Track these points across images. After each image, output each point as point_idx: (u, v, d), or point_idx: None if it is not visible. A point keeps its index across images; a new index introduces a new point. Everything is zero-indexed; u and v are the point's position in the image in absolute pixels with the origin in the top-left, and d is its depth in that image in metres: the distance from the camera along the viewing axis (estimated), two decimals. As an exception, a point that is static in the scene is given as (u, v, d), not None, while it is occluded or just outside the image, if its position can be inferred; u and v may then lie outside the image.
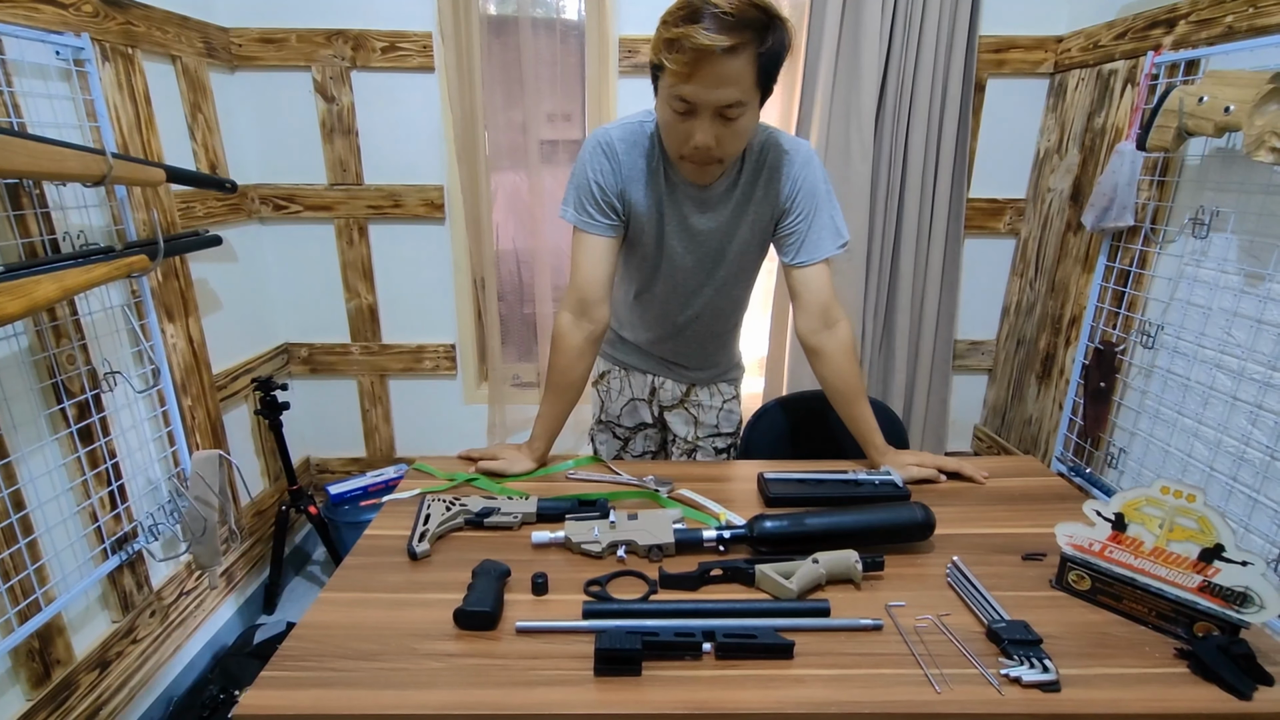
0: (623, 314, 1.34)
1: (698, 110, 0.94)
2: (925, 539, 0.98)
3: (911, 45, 1.85)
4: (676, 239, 1.16)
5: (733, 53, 0.88)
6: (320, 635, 0.79)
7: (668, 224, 1.14)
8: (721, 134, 0.96)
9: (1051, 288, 1.98)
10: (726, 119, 0.95)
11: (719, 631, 0.77)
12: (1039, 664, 0.73)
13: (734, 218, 1.15)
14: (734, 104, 0.93)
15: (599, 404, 1.45)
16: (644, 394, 1.39)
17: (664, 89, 0.96)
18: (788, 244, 1.15)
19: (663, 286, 1.22)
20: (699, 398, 1.37)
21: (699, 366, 1.36)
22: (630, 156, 1.10)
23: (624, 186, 1.11)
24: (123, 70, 1.45)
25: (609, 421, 1.44)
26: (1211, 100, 1.26)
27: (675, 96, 0.93)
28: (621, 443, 1.45)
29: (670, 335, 1.30)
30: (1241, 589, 0.75)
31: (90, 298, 1.35)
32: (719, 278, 1.21)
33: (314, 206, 2.03)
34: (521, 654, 0.77)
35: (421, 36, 1.90)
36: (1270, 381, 1.29)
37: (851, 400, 1.17)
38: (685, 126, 0.96)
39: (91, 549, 1.36)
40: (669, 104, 0.96)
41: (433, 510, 1.04)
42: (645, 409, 1.40)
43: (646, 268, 1.22)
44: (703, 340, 1.31)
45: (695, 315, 1.26)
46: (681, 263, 1.19)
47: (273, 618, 1.97)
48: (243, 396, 1.93)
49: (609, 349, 1.41)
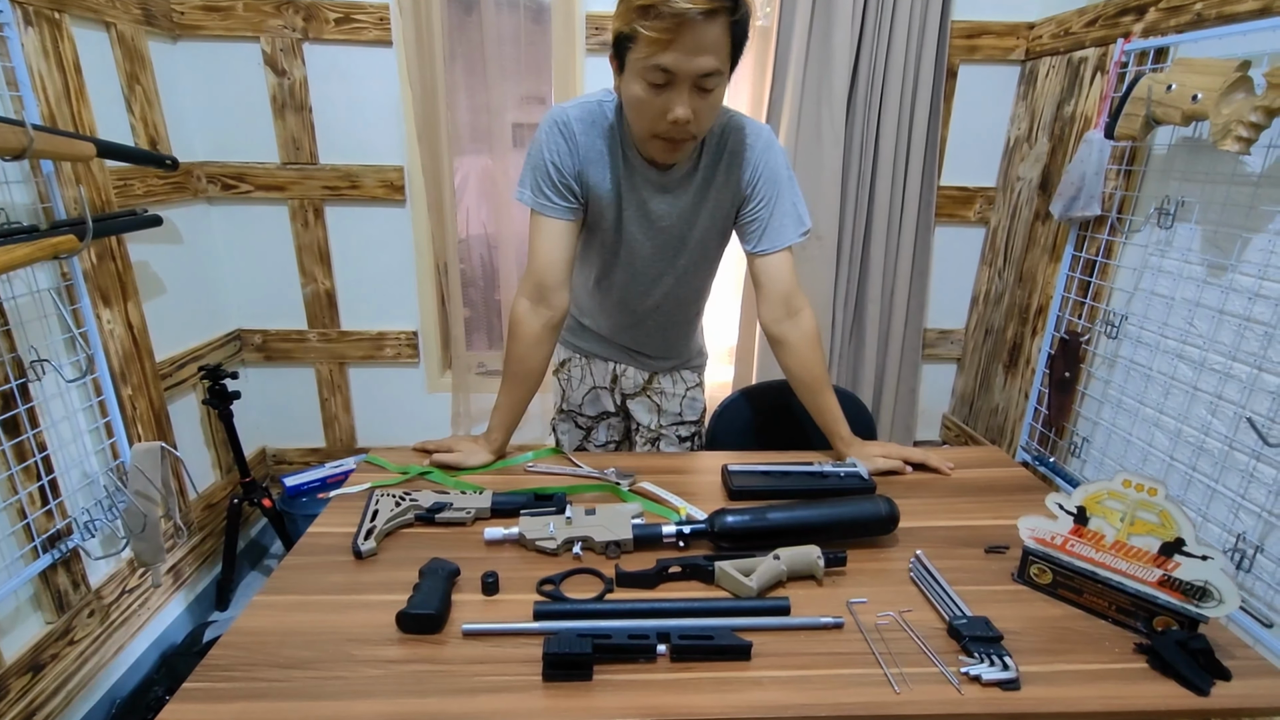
0: (583, 301, 1.30)
1: (676, 81, 0.89)
2: (889, 533, 0.96)
3: (884, 30, 1.82)
4: (635, 225, 1.12)
5: (711, 17, 0.84)
6: (251, 642, 0.74)
7: (626, 209, 1.10)
8: (699, 107, 0.92)
9: (1019, 277, 1.98)
10: (704, 90, 0.91)
11: (674, 632, 0.74)
12: (999, 661, 0.72)
13: (695, 203, 1.11)
14: (712, 73, 0.89)
15: (560, 393, 1.41)
16: (605, 382, 1.35)
17: (636, 62, 0.90)
18: (749, 231, 1.12)
19: (622, 274, 1.19)
20: (661, 385, 1.34)
21: (661, 355, 1.33)
22: (589, 137, 1.06)
23: (582, 167, 1.07)
24: (49, 36, 1.35)
25: (570, 411, 1.40)
26: (1179, 88, 1.25)
27: (653, 68, 0.88)
28: (584, 432, 1.41)
29: (631, 324, 1.27)
30: (1201, 583, 0.74)
31: (14, 280, 1.26)
32: (680, 265, 1.18)
33: (266, 186, 1.94)
34: (467, 659, 0.73)
35: (379, 8, 1.81)
36: (1230, 372, 1.30)
37: (816, 390, 1.15)
38: (661, 100, 0.91)
39: (20, 547, 1.28)
40: (643, 77, 0.90)
41: (381, 506, 0.99)
42: (607, 397, 1.37)
43: (605, 254, 1.18)
44: (664, 328, 1.28)
45: (656, 304, 1.23)
46: (641, 249, 1.15)
47: (225, 614, 1.90)
48: (190, 385, 1.84)
49: (569, 336, 1.37)
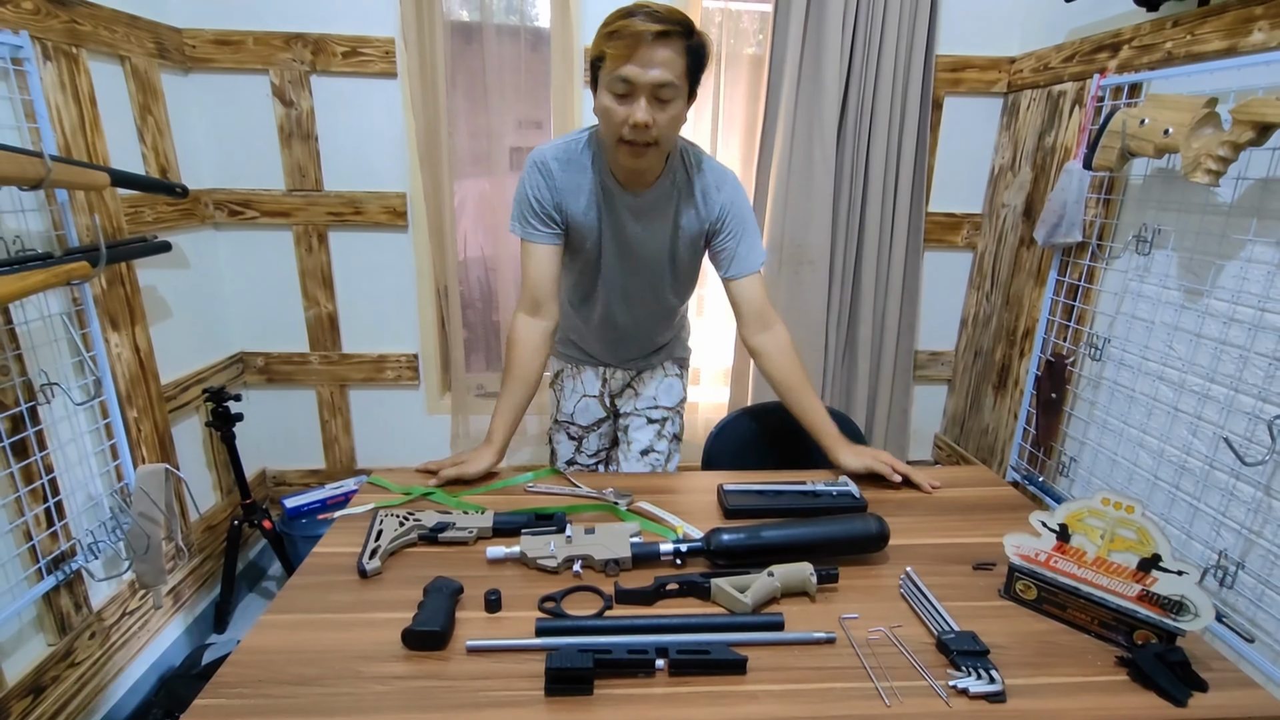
0: (570, 322, 1.43)
1: (635, 91, 1.03)
2: (880, 550, 0.99)
3: (871, 64, 1.89)
4: (613, 247, 1.25)
5: (664, 39, 1.01)
6: (259, 660, 0.77)
7: (605, 232, 1.23)
8: (657, 116, 1.05)
9: (1006, 300, 2.04)
10: (661, 100, 1.05)
11: (672, 648, 0.77)
12: (986, 675, 0.75)
13: (668, 227, 1.24)
14: (667, 84, 1.03)
15: (555, 404, 1.54)
16: (595, 389, 1.48)
17: (605, 78, 1.06)
18: (722, 259, 1.27)
19: (604, 295, 1.32)
20: (643, 376, 1.50)
21: (644, 359, 1.48)
22: (566, 172, 1.20)
23: (560, 199, 1.21)
24: (66, 70, 1.39)
25: (564, 421, 1.52)
26: (1152, 123, 1.31)
27: (616, 79, 1.03)
28: (576, 442, 1.52)
29: (615, 339, 1.41)
30: (1178, 598, 0.77)
31: (27, 305, 1.29)
32: (656, 286, 1.31)
33: (271, 212, 1.98)
34: (471, 674, 0.76)
35: (384, 42, 1.87)
36: (1208, 394, 1.34)
37: (799, 391, 1.26)
38: (624, 109, 1.05)
39: (25, 569, 1.30)
40: (609, 89, 1.05)
41: (385, 526, 1.02)
42: (597, 405, 1.49)
43: (587, 279, 1.31)
44: (643, 344, 1.44)
45: (636, 322, 1.37)
46: (619, 270, 1.28)
47: (223, 637, 1.90)
48: (194, 407, 1.87)
49: (561, 348, 1.50)
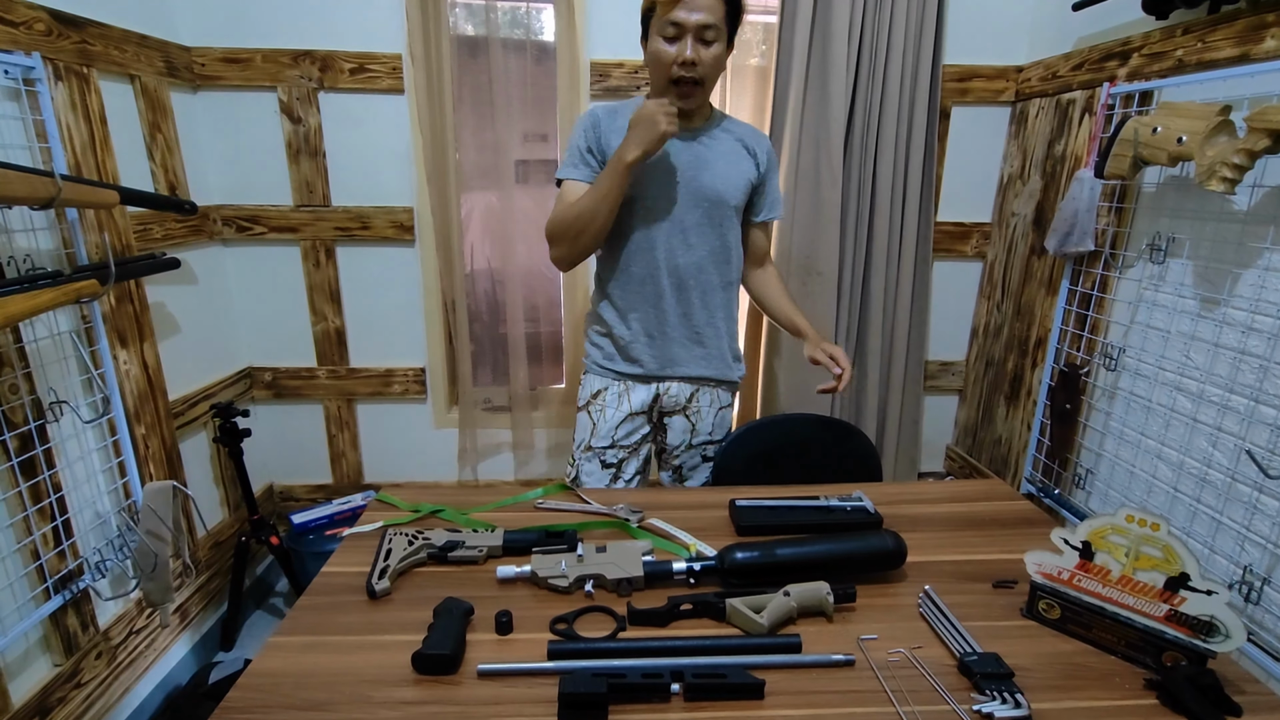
0: (622, 295, 1.38)
1: (683, 33, 1.20)
2: (896, 567, 0.97)
3: (878, 74, 1.89)
4: (667, 180, 1.32)
5: None
6: (267, 684, 0.75)
7: (659, 167, 1.30)
8: (702, 53, 1.21)
9: (1018, 310, 2.02)
10: (705, 41, 1.21)
11: (688, 671, 0.75)
12: (1011, 699, 0.73)
13: (721, 158, 1.33)
14: (710, 25, 1.19)
15: (588, 429, 1.44)
16: (643, 406, 1.43)
17: (655, 24, 1.22)
18: (761, 204, 1.42)
19: (664, 234, 1.33)
20: (699, 404, 1.45)
21: (704, 353, 1.41)
22: (612, 118, 1.32)
23: (606, 143, 1.30)
24: (77, 90, 1.40)
25: (600, 448, 1.43)
26: (1165, 131, 1.30)
27: (666, 23, 1.20)
28: (613, 469, 1.43)
29: (674, 290, 1.36)
30: (1207, 618, 0.75)
31: (36, 324, 1.29)
32: (715, 216, 1.34)
33: (279, 228, 1.99)
34: (483, 699, 0.74)
35: (391, 58, 1.88)
36: (1228, 404, 1.31)
37: (780, 294, 1.48)
38: (674, 50, 1.21)
39: (32, 589, 1.29)
40: (660, 33, 1.21)
41: (394, 544, 1.00)
42: (644, 421, 1.44)
43: (645, 224, 1.33)
44: (705, 293, 1.38)
45: (698, 263, 1.35)
46: (678, 204, 1.32)
47: (230, 655, 1.88)
48: (201, 424, 1.86)
49: (608, 364, 1.43)
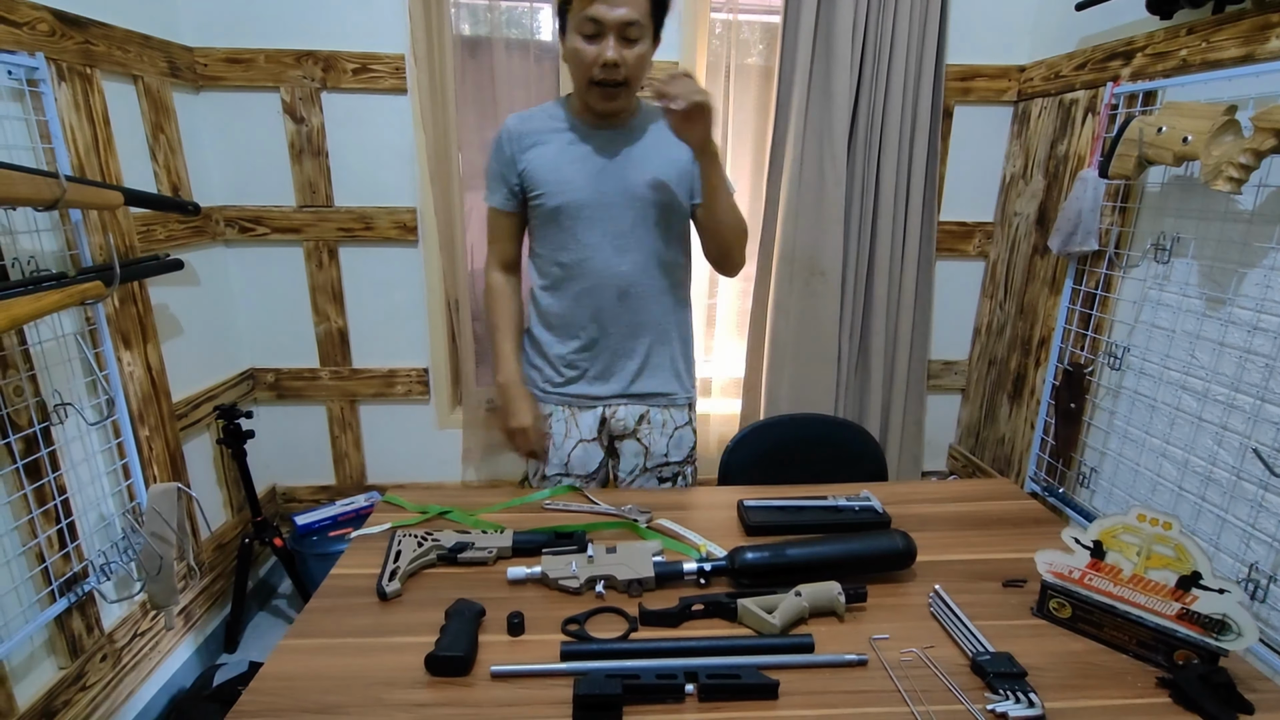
0: (560, 306, 1.28)
1: (604, 31, 1.08)
2: (906, 567, 0.97)
3: (881, 74, 1.89)
4: (595, 184, 1.21)
5: None
6: (280, 687, 0.75)
7: (586, 171, 1.21)
8: (625, 54, 1.10)
9: (1020, 309, 2.02)
10: (628, 40, 1.10)
11: (701, 672, 0.75)
12: (1024, 698, 0.73)
13: (650, 153, 1.23)
14: (633, 22, 1.08)
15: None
16: (593, 432, 1.33)
17: (573, 20, 1.10)
18: (698, 189, 1.25)
19: (598, 242, 1.22)
20: (651, 426, 1.34)
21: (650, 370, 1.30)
22: (525, 125, 1.24)
23: (519, 155, 1.23)
24: (80, 90, 1.40)
25: (553, 477, 1.34)
26: (1170, 131, 1.30)
27: (584, 19, 1.07)
28: None
29: (614, 302, 1.25)
30: (1219, 616, 0.75)
31: (40, 326, 1.29)
32: (650, 218, 1.23)
33: (282, 229, 1.98)
34: (497, 701, 0.74)
35: (394, 58, 1.88)
36: (1234, 403, 1.32)
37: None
38: (594, 49, 1.10)
39: (38, 591, 1.28)
40: (578, 30, 1.09)
41: (404, 546, 1.00)
42: (596, 448, 1.34)
43: (576, 233, 1.22)
44: (648, 303, 1.27)
45: (637, 269, 1.24)
46: (611, 209, 1.21)
47: (234, 657, 1.88)
48: (205, 425, 1.86)
49: (551, 388, 1.33)
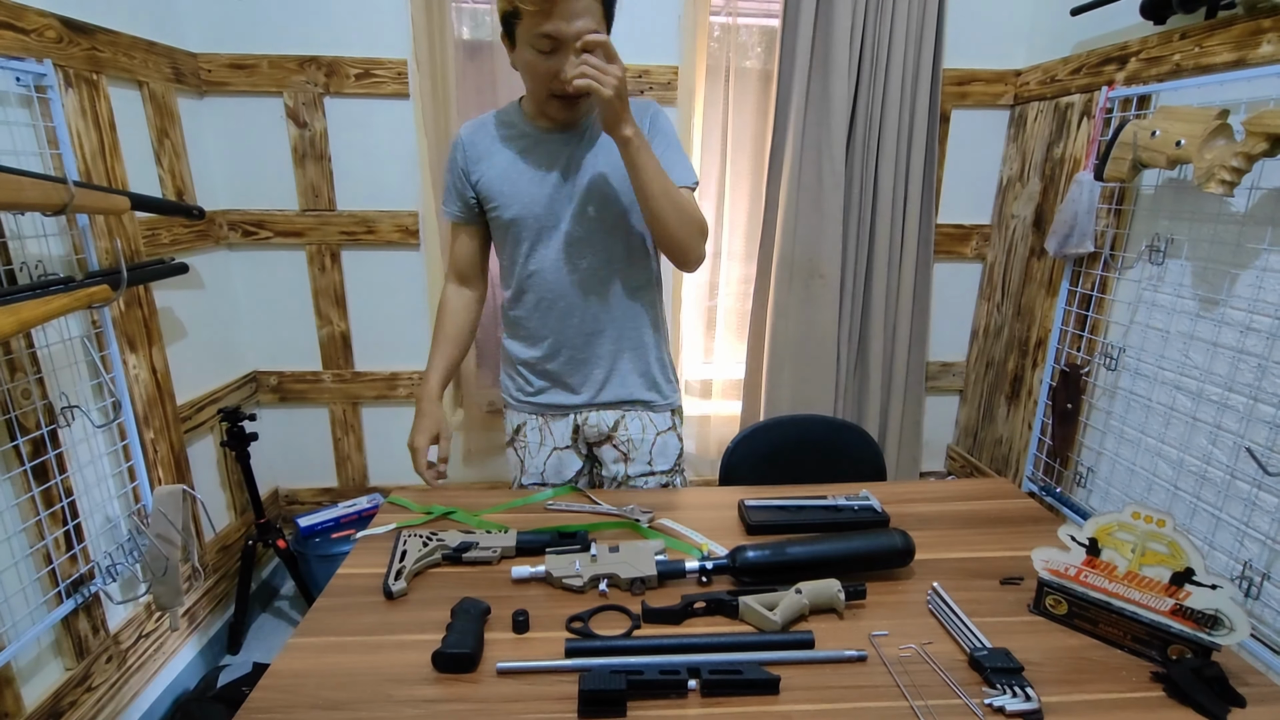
0: (525, 316, 1.25)
1: (561, 45, 1.01)
2: (905, 565, 0.98)
3: (879, 78, 1.91)
4: (548, 192, 1.16)
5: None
6: (289, 684, 0.76)
7: (537, 180, 1.16)
8: None
9: (1018, 311, 2.04)
10: (587, 50, 1.01)
11: (704, 668, 0.76)
12: (1021, 692, 0.74)
13: (603, 155, 1.15)
14: (590, 31, 0.99)
15: (518, 466, 1.34)
16: (566, 440, 1.29)
17: (524, 34, 1.02)
18: None
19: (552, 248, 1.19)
20: (629, 431, 1.29)
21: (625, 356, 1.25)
22: (476, 135, 1.19)
23: (471, 166, 1.19)
24: (87, 97, 1.41)
25: (531, 487, 1.32)
26: (1163, 134, 1.32)
27: (538, 36, 1.00)
28: None
29: (578, 305, 1.21)
30: (1212, 611, 0.77)
31: (48, 329, 1.30)
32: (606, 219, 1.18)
33: (285, 233, 2.00)
34: (503, 696, 0.75)
35: (396, 63, 1.90)
36: (1227, 403, 1.33)
37: None
38: (551, 64, 1.03)
39: (45, 593, 1.29)
40: (532, 45, 1.02)
41: (409, 546, 1.01)
42: (572, 455, 1.31)
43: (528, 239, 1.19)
44: (611, 303, 1.22)
45: (594, 271, 1.19)
46: (564, 215, 1.17)
47: (238, 658, 1.89)
48: (208, 428, 1.87)
49: (522, 396, 1.30)
